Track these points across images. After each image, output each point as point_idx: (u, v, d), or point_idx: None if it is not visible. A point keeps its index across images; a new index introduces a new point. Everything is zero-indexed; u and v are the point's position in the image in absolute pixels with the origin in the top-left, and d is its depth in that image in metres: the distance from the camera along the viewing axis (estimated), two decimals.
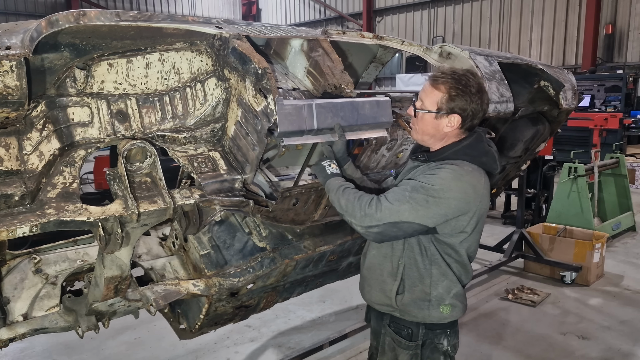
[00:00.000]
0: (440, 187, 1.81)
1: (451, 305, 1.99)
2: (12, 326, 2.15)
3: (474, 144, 1.92)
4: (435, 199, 1.80)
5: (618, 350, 3.80)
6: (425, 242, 1.94)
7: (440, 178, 1.83)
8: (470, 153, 1.91)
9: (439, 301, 1.97)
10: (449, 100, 1.86)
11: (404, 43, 2.89)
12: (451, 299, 1.99)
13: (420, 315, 1.99)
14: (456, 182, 1.83)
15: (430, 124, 1.92)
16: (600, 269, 5.19)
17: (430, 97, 1.90)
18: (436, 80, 1.90)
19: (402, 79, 16.84)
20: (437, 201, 1.80)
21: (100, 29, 1.75)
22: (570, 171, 6.02)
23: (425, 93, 1.93)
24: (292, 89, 2.05)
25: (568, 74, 3.48)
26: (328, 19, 22.81)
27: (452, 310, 2.01)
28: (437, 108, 1.89)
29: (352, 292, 4.66)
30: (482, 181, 1.91)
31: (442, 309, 1.98)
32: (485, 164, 1.95)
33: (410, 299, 1.98)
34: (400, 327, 2.04)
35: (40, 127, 1.72)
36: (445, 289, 1.97)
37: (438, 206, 1.81)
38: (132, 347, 3.88)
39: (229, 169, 2.02)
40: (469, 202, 1.86)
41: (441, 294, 1.97)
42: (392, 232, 1.84)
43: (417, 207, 1.80)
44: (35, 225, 1.60)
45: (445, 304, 1.98)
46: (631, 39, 14.40)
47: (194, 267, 2.53)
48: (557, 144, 7.23)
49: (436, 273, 1.95)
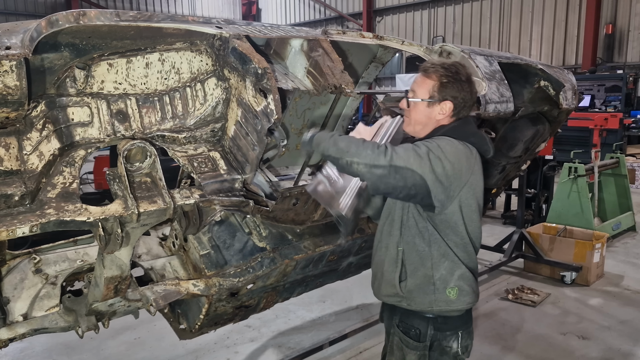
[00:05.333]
0: (437, 147, 1.84)
1: (457, 288, 1.96)
2: (12, 326, 2.15)
3: (460, 125, 1.96)
4: (434, 155, 1.82)
5: (618, 350, 3.79)
6: (422, 222, 1.94)
7: (435, 142, 1.87)
8: (457, 133, 1.94)
9: (443, 284, 1.95)
10: (440, 87, 1.92)
11: (404, 43, 2.89)
12: (456, 280, 1.96)
13: (426, 300, 1.96)
14: (450, 147, 1.87)
15: (422, 112, 1.97)
16: (600, 269, 5.19)
17: (422, 87, 1.96)
18: (426, 70, 1.96)
19: (402, 79, 16.83)
20: (437, 157, 1.82)
21: (100, 29, 1.75)
22: (571, 171, 6.02)
23: (417, 84, 1.98)
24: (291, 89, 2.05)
25: (568, 74, 3.48)
26: (328, 19, 22.81)
27: (460, 294, 1.96)
28: (430, 96, 1.94)
29: (352, 292, 4.67)
30: (472, 154, 1.94)
31: (448, 292, 1.95)
32: (475, 143, 1.97)
33: (414, 284, 1.96)
34: (408, 327, 2.02)
35: (40, 127, 1.72)
36: (448, 270, 1.95)
37: (438, 162, 1.82)
38: (132, 347, 3.88)
39: (229, 169, 2.02)
40: (461, 169, 1.87)
41: (444, 276, 1.95)
42: (393, 179, 1.81)
43: (421, 159, 1.81)
44: (35, 225, 1.60)
45: (451, 286, 1.95)
46: (631, 39, 14.39)
47: (194, 267, 2.53)
48: (557, 144, 7.23)
49: (436, 254, 1.94)
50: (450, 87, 1.92)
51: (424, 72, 1.96)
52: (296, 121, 3.11)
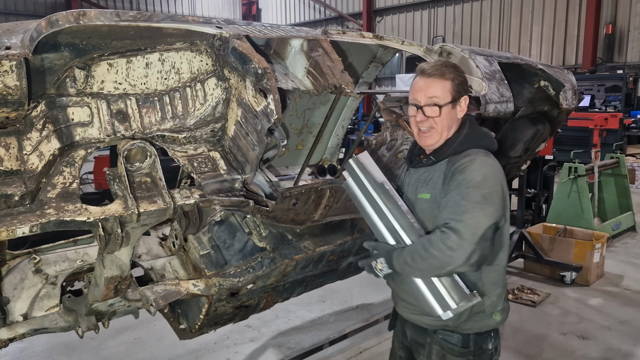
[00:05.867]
0: (482, 178, 1.77)
1: (502, 309, 1.93)
2: (12, 326, 2.15)
3: (471, 129, 1.93)
4: (488, 192, 1.75)
5: (618, 350, 3.79)
6: None
7: (474, 170, 1.78)
8: (474, 140, 1.90)
9: (492, 309, 1.90)
10: (458, 85, 1.88)
11: (404, 43, 2.89)
12: (503, 302, 1.93)
13: (477, 326, 1.90)
14: (487, 168, 1.80)
15: (450, 115, 1.89)
16: (600, 269, 5.19)
17: (443, 91, 1.86)
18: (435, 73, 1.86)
19: (402, 79, 16.84)
20: (490, 193, 1.76)
21: (100, 29, 1.75)
22: (570, 171, 6.02)
23: (435, 90, 1.86)
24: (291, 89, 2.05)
25: (568, 74, 3.48)
26: (328, 19, 22.81)
27: (502, 314, 1.94)
28: (452, 98, 1.87)
29: (352, 292, 4.67)
30: (497, 164, 1.89)
31: (494, 315, 1.91)
32: (487, 145, 1.93)
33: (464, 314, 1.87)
34: (448, 335, 1.92)
35: (40, 127, 1.72)
36: (499, 295, 1.91)
37: (494, 196, 1.76)
38: (132, 347, 3.88)
39: (229, 169, 2.02)
40: (503, 184, 1.83)
41: (494, 302, 1.91)
42: (486, 248, 1.74)
43: (484, 207, 1.73)
44: (35, 225, 1.60)
45: (499, 309, 1.92)
46: (631, 39, 14.39)
47: (194, 267, 2.53)
48: (557, 144, 7.22)
49: (487, 280, 1.87)
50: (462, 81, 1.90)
51: (439, 76, 1.86)
52: (296, 121, 3.11)
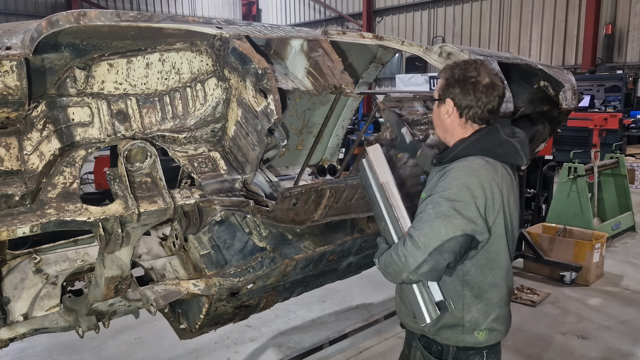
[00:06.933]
0: (458, 189, 1.69)
1: (488, 330, 1.82)
2: (12, 326, 2.15)
3: (484, 136, 1.80)
4: (461, 203, 1.67)
5: (618, 350, 3.80)
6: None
7: (454, 179, 1.71)
8: (481, 147, 1.78)
9: (473, 326, 1.81)
10: (444, 86, 1.83)
11: (404, 43, 2.89)
12: (489, 323, 1.82)
13: (453, 338, 1.84)
14: (472, 178, 1.70)
15: (435, 113, 1.91)
16: (600, 269, 5.19)
17: (437, 87, 1.89)
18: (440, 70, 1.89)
19: (402, 79, 16.85)
20: (464, 205, 1.67)
21: (100, 29, 1.75)
22: (570, 171, 6.02)
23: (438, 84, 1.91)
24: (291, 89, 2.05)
25: (568, 74, 3.48)
26: (328, 19, 22.80)
27: (490, 335, 1.83)
28: (438, 96, 1.87)
29: (352, 292, 4.67)
30: (499, 174, 1.76)
31: (477, 334, 1.82)
32: (501, 155, 1.79)
33: (442, 322, 1.83)
34: (430, 343, 1.91)
35: (40, 127, 1.72)
36: (481, 313, 1.81)
37: (468, 208, 1.67)
38: (132, 347, 3.88)
39: (229, 169, 2.02)
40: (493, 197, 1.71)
41: (476, 318, 1.81)
42: (442, 260, 1.65)
43: (449, 219, 1.65)
44: (36, 225, 1.60)
45: (481, 329, 1.82)
46: (631, 39, 14.39)
47: (194, 267, 2.53)
48: (557, 144, 7.22)
49: (469, 295, 1.79)
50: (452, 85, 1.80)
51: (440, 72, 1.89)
52: (296, 121, 3.12)
